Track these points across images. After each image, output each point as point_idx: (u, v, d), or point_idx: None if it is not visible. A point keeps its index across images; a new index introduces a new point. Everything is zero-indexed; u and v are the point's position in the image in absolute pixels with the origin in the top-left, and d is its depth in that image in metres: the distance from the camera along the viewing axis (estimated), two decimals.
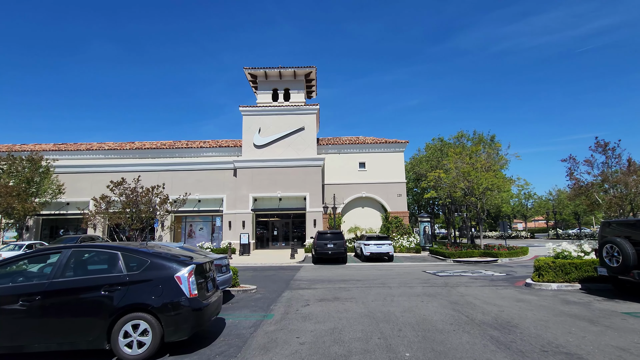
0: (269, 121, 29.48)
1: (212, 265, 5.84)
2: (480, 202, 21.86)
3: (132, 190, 12.42)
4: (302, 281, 11.70)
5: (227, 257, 8.11)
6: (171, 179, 28.66)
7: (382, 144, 31.07)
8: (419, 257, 22.44)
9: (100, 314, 4.43)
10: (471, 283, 10.62)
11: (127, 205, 12.14)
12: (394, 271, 14.40)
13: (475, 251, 20.95)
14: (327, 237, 19.32)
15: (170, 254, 5.15)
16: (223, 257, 8.14)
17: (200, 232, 30.09)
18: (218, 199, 28.67)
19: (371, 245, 19.90)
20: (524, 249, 21.86)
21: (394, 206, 29.81)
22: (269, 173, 28.17)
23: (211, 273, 5.65)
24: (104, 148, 31.15)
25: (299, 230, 29.77)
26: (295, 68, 30.11)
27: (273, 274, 14.11)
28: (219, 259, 7.89)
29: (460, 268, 15.68)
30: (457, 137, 29.48)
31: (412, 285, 10.23)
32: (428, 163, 30.45)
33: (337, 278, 12.38)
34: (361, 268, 16.15)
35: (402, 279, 11.66)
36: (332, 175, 30.39)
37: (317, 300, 8.21)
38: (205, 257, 5.99)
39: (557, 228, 42.79)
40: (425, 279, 11.57)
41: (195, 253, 7.00)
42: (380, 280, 11.42)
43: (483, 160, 20.83)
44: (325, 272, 14.62)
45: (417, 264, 18.65)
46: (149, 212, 12.32)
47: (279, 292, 9.46)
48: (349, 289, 9.82)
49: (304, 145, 29.08)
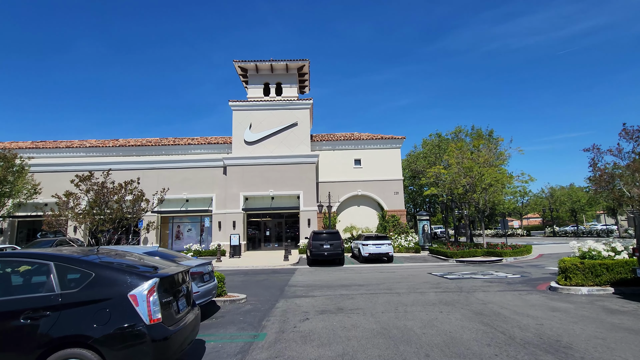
0: (261, 116, 28.12)
1: (186, 275, 4.54)
2: (483, 198, 20.88)
3: (101, 186, 10.89)
4: (298, 287, 10.45)
5: (211, 263, 6.81)
6: (157, 178, 27.11)
7: (378, 140, 29.97)
8: (419, 257, 21.36)
9: (18, 352, 3.13)
10: (487, 287, 9.50)
11: (94, 203, 10.60)
12: (397, 274, 13.24)
13: (478, 250, 19.95)
14: (323, 238, 18.10)
15: (127, 263, 3.85)
16: (206, 263, 6.85)
17: (188, 233, 28.58)
18: (207, 198, 27.22)
19: (370, 246, 18.75)
20: (528, 248, 20.95)
21: (391, 204, 28.73)
22: (261, 171, 26.83)
23: (184, 287, 4.35)
24: (85, 145, 29.41)
25: (292, 231, 28.48)
26: (287, 61, 28.80)
27: (265, 278, 12.82)
28: (201, 266, 6.60)
29: (467, 269, 14.60)
30: (455, 133, 28.52)
31: (423, 291, 9.06)
32: (426, 159, 29.45)
33: (337, 283, 11.16)
34: (361, 270, 14.95)
35: (409, 283, 10.49)
36: (327, 173, 29.17)
37: (317, 313, 6.97)
38: (178, 265, 4.69)
39: (553, 225, 42.26)
40: (434, 283, 10.42)
41: (169, 260, 5.71)
42: (386, 285, 10.23)
43: (485, 155, 19.83)
44: (323, 275, 13.39)
45: (419, 264, 17.55)
46: (120, 212, 10.78)
47: (273, 302, 8.19)
48: (353, 296, 8.60)
49: (297, 141, 27.79)
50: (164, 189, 11.46)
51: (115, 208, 10.45)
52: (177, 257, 6.69)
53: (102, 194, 10.46)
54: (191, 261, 6.71)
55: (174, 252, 7.25)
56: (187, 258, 6.99)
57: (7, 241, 26.70)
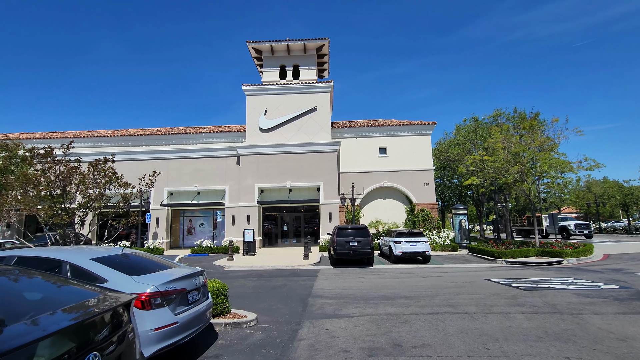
0: (277, 101, 25.76)
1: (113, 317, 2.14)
2: (535, 188, 17.86)
3: (52, 163, 8.50)
4: (325, 298, 8.03)
5: (203, 273, 4.45)
6: (166, 168, 25.29)
7: (405, 126, 27.09)
8: (458, 256, 18.58)
9: None
10: (592, 305, 6.80)
11: (47, 186, 8.26)
12: (445, 279, 10.63)
13: (531, 250, 17.01)
14: (349, 234, 15.63)
15: None
16: (194, 274, 4.50)
17: (200, 228, 26.72)
18: (220, 190, 25.20)
19: (403, 243, 16.14)
20: (588, 247, 17.77)
21: (420, 197, 25.92)
22: (277, 160, 24.53)
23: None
24: (94, 135, 27.91)
25: (311, 225, 26.13)
26: (305, 40, 26.23)
27: (283, 283, 10.47)
28: (186, 278, 4.26)
29: (530, 273, 11.79)
30: (494, 117, 25.28)
31: (503, 311, 6.45)
32: (460, 147, 26.36)
33: (374, 292, 8.68)
34: (397, 273, 12.41)
35: (472, 296, 7.90)
36: (349, 163, 26.59)
37: (365, 355, 4.50)
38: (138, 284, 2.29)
39: (599, 221, 38.12)
40: (508, 296, 7.77)
41: (119, 272, 3.39)
42: (442, 298, 7.67)
43: (541, 137, 16.78)
44: (352, 279, 10.93)
45: (463, 266, 14.84)
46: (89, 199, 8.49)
47: (294, 327, 5.80)
48: (407, 318, 6.09)
49: (316, 128, 25.31)
50: (155, 172, 9.12)
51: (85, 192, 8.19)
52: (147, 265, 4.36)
53: (64, 176, 8.20)
54: (178, 270, 4.38)
55: (151, 258, 4.93)
56: (166, 266, 4.66)
57: (14, 235, 25.59)
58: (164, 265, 4.65)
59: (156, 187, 25.20)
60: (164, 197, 24.97)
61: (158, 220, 24.57)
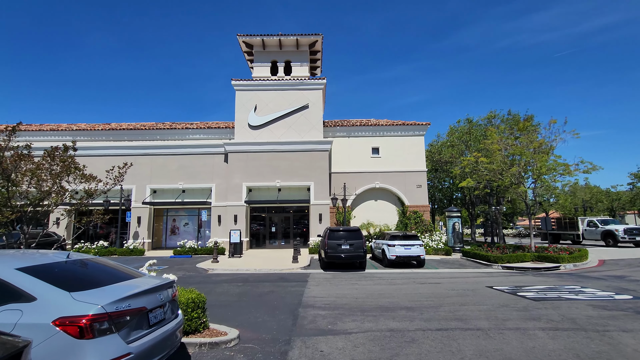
0: (267, 98, 24.83)
1: None
2: (531, 191, 17.44)
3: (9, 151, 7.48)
4: (317, 309, 7.21)
5: (173, 285, 3.55)
6: (150, 165, 24.09)
7: (398, 127, 26.50)
8: (452, 260, 18.01)
9: None
10: (612, 318, 6.16)
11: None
12: (445, 286, 9.93)
13: (527, 254, 16.56)
14: (341, 236, 14.85)
15: None
16: (161, 286, 3.61)
17: (185, 228, 25.55)
18: (206, 188, 24.10)
19: (397, 247, 15.45)
20: (584, 252, 17.41)
21: (413, 199, 25.35)
22: (267, 158, 23.60)
23: None
24: (72, 129, 26.42)
25: (300, 227, 25.26)
26: (298, 36, 25.40)
27: (270, 290, 9.60)
28: (147, 293, 3.36)
29: (531, 280, 11.20)
30: (488, 118, 24.91)
31: (520, 326, 5.75)
32: (454, 148, 25.90)
33: (371, 301, 7.90)
34: (392, 279, 11.67)
35: (477, 306, 7.19)
36: (341, 163, 25.85)
37: None
38: None
39: None
40: (519, 307, 7.09)
41: (54, 286, 2.51)
42: (447, 309, 6.94)
43: (540, 139, 16.34)
44: (346, 286, 10.14)
45: (459, 271, 14.23)
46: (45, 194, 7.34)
47: (282, 347, 4.96)
48: (414, 336, 5.31)
49: (308, 126, 24.47)
50: (125, 164, 8.07)
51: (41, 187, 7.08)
52: (98, 276, 3.46)
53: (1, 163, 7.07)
54: (126, 285, 3.47)
55: (108, 265, 4.01)
56: (127, 275, 3.76)
57: None
58: (124, 275, 3.75)
59: (138, 185, 23.97)
60: (147, 194, 23.73)
61: (139, 219, 23.32)
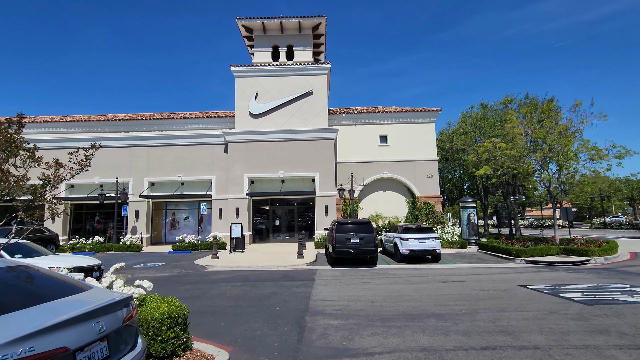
0: (269, 84, 23.50)
1: None
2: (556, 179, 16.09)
3: None
4: (327, 317, 6.05)
5: (130, 302, 2.30)
6: (147, 157, 23.02)
7: (408, 113, 25.12)
8: (469, 254, 16.78)
9: None
10: None
11: None
12: (470, 285, 8.72)
13: (552, 247, 15.27)
14: (350, 229, 13.66)
15: None
16: (102, 308, 2.43)
17: (185, 222, 24.53)
18: (206, 181, 23.00)
19: (410, 240, 14.24)
20: (612, 244, 16.07)
21: (424, 189, 24.07)
22: (269, 148, 22.38)
23: None
24: (67, 120, 25.35)
25: (305, 219, 24.11)
26: (300, 18, 23.94)
27: (273, 292, 8.45)
28: (75, 322, 2.18)
29: (567, 277, 9.95)
30: (504, 103, 23.40)
31: (588, 343, 4.53)
32: (467, 135, 24.46)
33: (390, 306, 6.73)
34: (409, 276, 10.49)
35: (521, 313, 5.98)
36: (347, 152, 24.58)
37: None
38: None
39: (603, 216, 36.77)
40: (572, 314, 5.86)
41: None
42: (485, 317, 5.73)
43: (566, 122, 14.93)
44: (358, 285, 8.97)
45: (480, 266, 13.01)
46: None
47: None
48: (455, 358, 4.12)
49: (312, 113, 23.15)
50: (94, 145, 6.87)
51: None
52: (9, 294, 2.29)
53: None
54: (42, 310, 2.27)
55: (39, 273, 2.84)
56: (60, 291, 2.58)
57: None
58: (54, 292, 2.57)
59: (135, 177, 22.93)
60: (144, 187, 22.69)
61: (137, 213, 22.32)
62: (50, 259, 8.41)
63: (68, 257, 9.13)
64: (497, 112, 23.76)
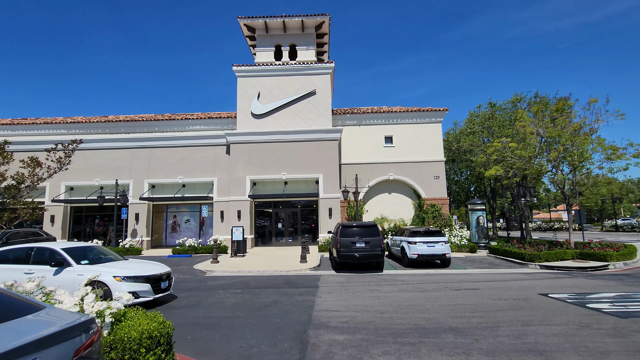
0: (271, 84, 23.04)
1: None
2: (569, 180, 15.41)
3: None
4: (332, 331, 5.47)
5: (91, 325, 1.78)
6: (148, 158, 22.62)
7: (413, 113, 24.52)
8: (479, 258, 16.11)
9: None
10: None
11: None
12: (485, 293, 8.10)
13: (568, 251, 14.57)
14: (356, 232, 13.07)
15: None
16: (44, 338, 1.90)
17: (186, 224, 24.06)
18: (207, 182, 22.53)
19: (419, 244, 13.62)
20: (631, 248, 15.34)
21: (430, 191, 23.43)
22: (272, 149, 21.88)
23: None
24: (68, 122, 25.06)
25: (309, 222, 23.54)
26: (303, 17, 23.49)
27: (273, 300, 7.89)
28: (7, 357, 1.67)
29: (589, 284, 9.28)
30: (513, 102, 22.73)
31: None
32: (475, 135, 23.80)
33: (401, 317, 6.14)
34: (419, 283, 9.87)
35: (548, 327, 5.37)
36: (351, 153, 24.01)
37: None
38: None
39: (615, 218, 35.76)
40: (607, 328, 5.25)
41: None
42: (508, 331, 5.13)
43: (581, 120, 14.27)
44: (365, 293, 8.38)
45: (492, 272, 12.35)
46: None
47: None
48: None
49: (315, 114, 22.64)
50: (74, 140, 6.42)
51: None
52: None
53: None
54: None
55: None
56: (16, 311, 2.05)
57: None
58: None
59: (136, 179, 22.52)
60: (145, 189, 22.26)
61: (137, 215, 21.88)
62: (115, 265, 7.72)
63: (137, 264, 8.22)
64: (506, 111, 23.09)
